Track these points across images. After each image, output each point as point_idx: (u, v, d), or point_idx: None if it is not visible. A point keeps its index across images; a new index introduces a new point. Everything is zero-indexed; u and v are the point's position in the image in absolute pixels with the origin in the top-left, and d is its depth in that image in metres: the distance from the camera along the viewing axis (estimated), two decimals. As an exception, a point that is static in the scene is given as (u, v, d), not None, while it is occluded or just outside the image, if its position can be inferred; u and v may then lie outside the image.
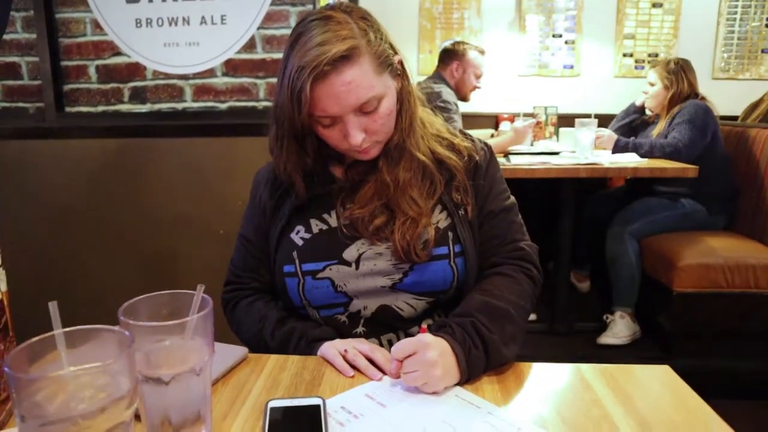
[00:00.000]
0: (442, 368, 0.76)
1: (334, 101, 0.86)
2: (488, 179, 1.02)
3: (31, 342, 0.51)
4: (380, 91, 0.88)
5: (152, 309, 0.62)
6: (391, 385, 0.78)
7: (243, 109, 2.11)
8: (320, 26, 0.85)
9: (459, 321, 0.85)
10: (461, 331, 0.82)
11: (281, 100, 0.88)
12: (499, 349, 0.82)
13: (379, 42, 0.88)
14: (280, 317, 0.98)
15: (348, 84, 0.85)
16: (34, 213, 2.14)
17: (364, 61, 0.86)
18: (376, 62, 0.87)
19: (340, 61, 0.83)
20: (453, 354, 0.78)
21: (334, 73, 0.84)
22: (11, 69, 2.12)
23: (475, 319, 0.84)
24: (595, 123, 2.53)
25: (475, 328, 0.83)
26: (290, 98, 0.85)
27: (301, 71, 0.83)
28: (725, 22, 3.32)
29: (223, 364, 0.83)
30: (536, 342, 2.55)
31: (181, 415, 0.60)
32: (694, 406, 0.73)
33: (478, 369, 0.80)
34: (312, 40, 0.84)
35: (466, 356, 0.79)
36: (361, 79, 0.85)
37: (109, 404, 0.48)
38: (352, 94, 0.85)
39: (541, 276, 0.99)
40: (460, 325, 0.84)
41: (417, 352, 0.76)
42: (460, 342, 0.80)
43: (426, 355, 0.76)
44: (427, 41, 3.44)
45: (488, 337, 0.82)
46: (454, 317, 0.87)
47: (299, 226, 0.99)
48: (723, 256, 2.28)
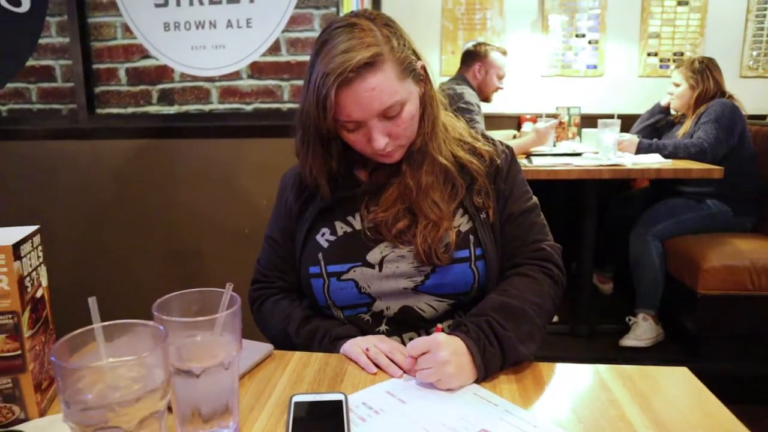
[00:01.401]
0: (455, 366, 0.78)
1: (358, 107, 0.88)
2: (509, 182, 1.03)
3: (73, 334, 0.54)
4: (403, 96, 0.91)
5: (183, 305, 0.65)
6: (410, 383, 0.80)
7: (268, 111, 2.15)
8: (345, 33, 0.88)
9: (474, 320, 0.86)
10: (476, 329, 0.84)
11: (307, 105, 0.91)
12: (516, 346, 0.83)
13: (402, 48, 0.91)
14: (304, 316, 1.01)
15: (372, 90, 0.87)
16: (69, 211, 2.21)
17: (388, 67, 0.88)
18: (399, 68, 0.89)
19: (364, 68, 0.86)
20: (468, 352, 0.80)
21: (359, 79, 0.86)
22: (46, 72, 2.20)
23: (490, 318, 0.86)
24: (618, 123, 2.51)
25: (490, 326, 0.84)
26: (316, 104, 0.88)
27: (327, 78, 0.85)
28: (754, 18, 3.25)
29: (249, 359, 0.86)
30: (558, 343, 2.54)
31: (210, 407, 0.63)
32: (712, 409, 0.74)
33: (495, 366, 0.82)
34: (337, 48, 0.86)
35: (482, 353, 0.80)
36: (384, 85, 0.87)
37: (144, 394, 0.51)
38: (376, 99, 0.88)
39: (563, 276, 0.99)
40: (475, 323, 0.85)
41: (430, 351, 0.79)
42: (475, 340, 0.82)
43: (438, 354, 0.78)
44: (450, 42, 3.45)
45: (503, 335, 0.83)
46: (470, 317, 0.89)
47: (324, 228, 1.02)
48: (750, 258, 2.24)
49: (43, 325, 0.75)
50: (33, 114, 2.23)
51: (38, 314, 0.74)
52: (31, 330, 0.71)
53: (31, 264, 0.73)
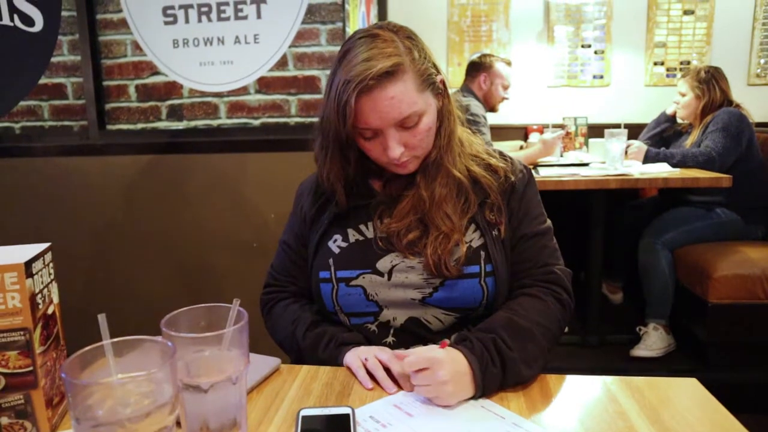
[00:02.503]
0: (453, 385, 0.78)
1: (376, 115, 0.90)
2: (524, 203, 1.02)
3: (83, 351, 0.55)
4: (421, 107, 0.92)
5: (191, 321, 0.66)
6: (418, 396, 0.80)
7: (275, 126, 2.17)
8: (367, 43, 0.90)
9: (480, 336, 0.86)
10: (481, 347, 0.83)
11: (327, 111, 0.93)
12: (518, 368, 0.82)
13: (422, 61, 0.92)
14: (313, 320, 1.02)
15: (391, 99, 0.88)
16: (80, 227, 2.24)
17: (408, 78, 0.90)
18: (419, 80, 0.91)
19: (385, 77, 0.87)
20: (469, 370, 0.80)
21: (378, 87, 0.88)
22: (58, 90, 2.23)
23: (496, 336, 0.85)
24: (625, 133, 2.51)
25: (495, 344, 0.84)
26: (336, 110, 0.90)
27: (347, 85, 0.87)
28: (761, 27, 3.25)
29: (258, 373, 0.86)
30: (568, 354, 2.52)
31: (218, 421, 0.64)
32: (720, 420, 0.73)
33: (494, 385, 0.81)
34: (358, 56, 0.88)
35: (483, 372, 0.80)
36: (403, 95, 0.89)
37: (154, 410, 0.52)
38: (395, 108, 0.89)
39: (572, 301, 0.99)
40: (480, 340, 0.85)
41: (430, 368, 0.78)
42: (479, 357, 0.81)
43: (437, 373, 0.77)
44: (456, 54, 3.47)
45: (507, 355, 0.83)
46: (477, 332, 0.89)
47: (337, 235, 1.03)
48: (761, 267, 2.22)
49: (54, 342, 0.76)
50: (45, 131, 2.26)
51: (49, 331, 0.75)
52: (43, 346, 0.72)
53: (43, 281, 0.74)
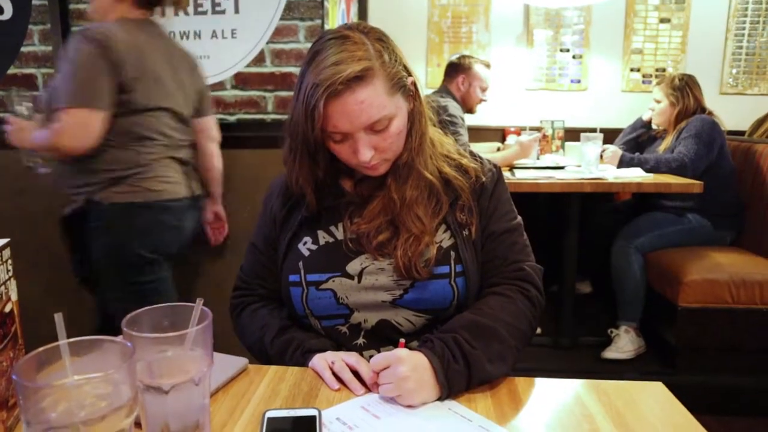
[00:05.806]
0: (414, 382, 0.78)
1: (346, 119, 0.88)
2: (494, 201, 1.02)
3: (38, 351, 0.53)
4: (391, 111, 0.91)
5: (154, 320, 0.64)
6: (385, 398, 0.80)
7: (252, 122, 2.15)
8: (336, 45, 0.88)
9: (441, 336, 0.86)
10: (441, 345, 0.84)
11: (296, 114, 0.91)
12: (482, 365, 0.82)
13: (393, 64, 0.91)
14: (281, 326, 1.01)
15: (360, 103, 0.87)
16: (42, 224, 2.17)
17: (378, 81, 0.88)
18: (389, 83, 0.90)
19: (354, 81, 0.86)
20: (430, 367, 0.80)
21: (348, 92, 0.86)
22: (28, 80, 2.18)
23: (457, 335, 0.85)
24: (600, 137, 2.54)
25: (457, 342, 0.84)
26: (304, 114, 0.88)
27: (316, 88, 0.86)
28: (733, 37, 3.32)
29: (223, 374, 0.85)
30: (541, 355, 2.54)
31: (180, 423, 0.62)
32: (684, 423, 0.74)
33: (460, 383, 0.81)
34: (328, 59, 0.87)
35: (445, 370, 0.80)
36: (373, 99, 0.88)
37: (110, 412, 0.51)
38: (364, 113, 0.88)
39: (542, 297, 0.98)
40: (440, 339, 0.85)
41: (390, 366, 0.79)
42: (439, 356, 0.81)
43: (397, 369, 0.78)
44: (436, 55, 3.48)
45: (469, 352, 0.83)
46: (438, 333, 0.89)
47: (307, 237, 1.02)
48: (729, 272, 2.27)
49: (12, 341, 0.74)
50: (14, 122, 2.20)
51: (6, 329, 0.72)
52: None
53: (1, 278, 0.72)
